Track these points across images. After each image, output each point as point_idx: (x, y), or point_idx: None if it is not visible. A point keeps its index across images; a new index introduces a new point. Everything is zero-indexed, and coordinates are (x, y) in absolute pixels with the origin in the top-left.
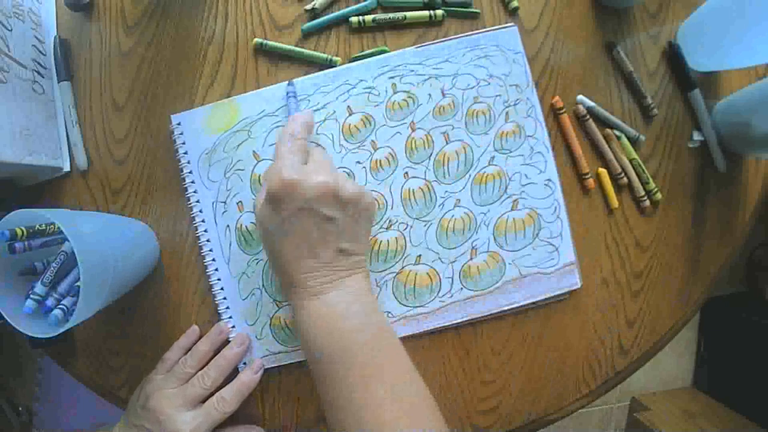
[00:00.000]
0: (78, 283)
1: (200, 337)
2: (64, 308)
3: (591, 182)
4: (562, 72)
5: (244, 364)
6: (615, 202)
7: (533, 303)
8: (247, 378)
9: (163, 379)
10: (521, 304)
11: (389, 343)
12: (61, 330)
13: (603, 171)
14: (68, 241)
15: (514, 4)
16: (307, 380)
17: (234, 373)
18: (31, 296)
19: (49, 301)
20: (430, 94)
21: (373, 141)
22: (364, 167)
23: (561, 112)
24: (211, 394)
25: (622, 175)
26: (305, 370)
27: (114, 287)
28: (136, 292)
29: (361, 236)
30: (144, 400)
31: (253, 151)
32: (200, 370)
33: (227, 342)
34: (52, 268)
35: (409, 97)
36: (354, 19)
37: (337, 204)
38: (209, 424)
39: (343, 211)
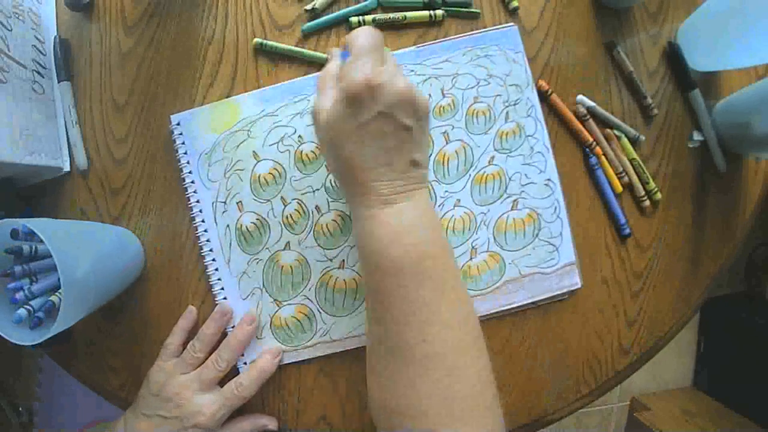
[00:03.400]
0: (56, 294)
1: (198, 317)
2: (30, 309)
3: (598, 150)
4: (562, 72)
5: (245, 364)
6: (619, 187)
7: (533, 303)
8: (266, 363)
9: (174, 366)
10: (521, 304)
11: (454, 262)
12: (41, 339)
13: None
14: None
15: (514, 4)
16: (307, 380)
17: (232, 373)
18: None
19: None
20: (430, 94)
21: None
22: None
23: (549, 93)
24: (227, 376)
25: (623, 174)
26: (305, 369)
27: (96, 297)
28: (136, 292)
29: (426, 149)
30: (158, 389)
31: (253, 151)
32: (209, 353)
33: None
34: (43, 284)
35: None
36: (354, 19)
37: (414, 113)
38: (228, 408)
39: (417, 122)
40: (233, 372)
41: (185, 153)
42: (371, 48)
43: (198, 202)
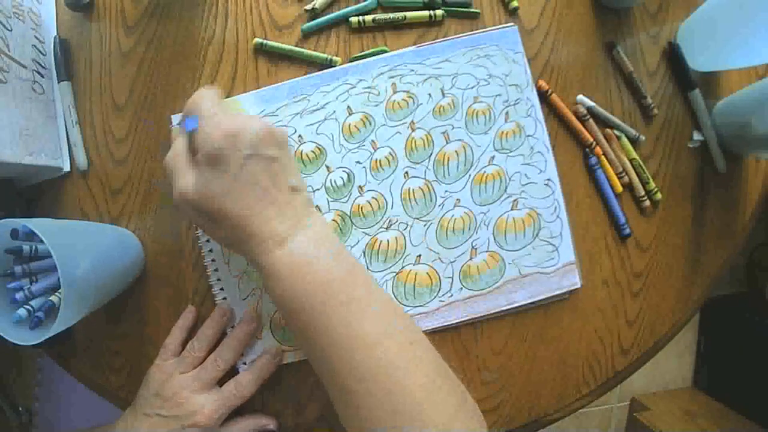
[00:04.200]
0: (56, 294)
1: (196, 316)
2: (30, 309)
3: (598, 150)
4: (562, 72)
5: (245, 363)
6: (619, 187)
7: (533, 303)
8: (266, 363)
9: (174, 365)
10: (521, 304)
11: (364, 278)
12: (41, 339)
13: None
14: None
15: (514, 4)
16: (307, 379)
17: (232, 372)
18: (24, 306)
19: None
20: (430, 94)
21: (373, 141)
22: (364, 167)
23: (549, 93)
24: (227, 376)
25: (623, 174)
26: (305, 369)
27: (96, 297)
28: (136, 292)
29: (298, 171)
30: (157, 388)
31: None
32: (209, 352)
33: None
34: (43, 284)
35: (409, 96)
36: (354, 19)
37: (276, 143)
38: (227, 408)
39: (281, 150)
40: (233, 372)
41: None
42: (213, 105)
43: None
